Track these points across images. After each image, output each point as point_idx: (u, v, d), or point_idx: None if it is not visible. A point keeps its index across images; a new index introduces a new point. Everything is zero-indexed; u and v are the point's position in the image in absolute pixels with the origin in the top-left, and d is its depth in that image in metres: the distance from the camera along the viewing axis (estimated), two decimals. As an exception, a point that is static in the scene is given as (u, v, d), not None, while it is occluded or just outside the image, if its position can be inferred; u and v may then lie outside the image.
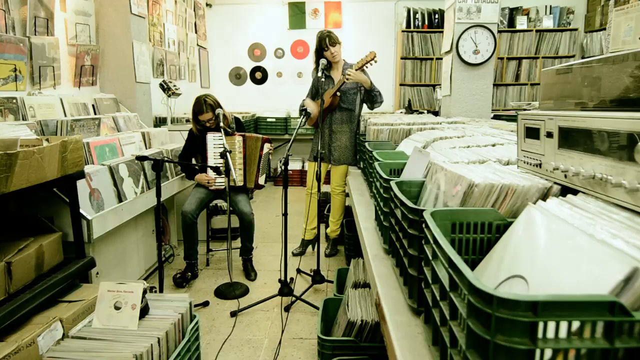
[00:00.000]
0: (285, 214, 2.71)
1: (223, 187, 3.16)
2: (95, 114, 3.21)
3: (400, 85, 6.39)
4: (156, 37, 4.73)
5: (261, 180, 3.31)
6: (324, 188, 3.96)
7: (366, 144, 2.55)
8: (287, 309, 2.66)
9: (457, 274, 0.66)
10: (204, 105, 3.08)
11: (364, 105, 3.52)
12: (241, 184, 3.19)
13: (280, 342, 2.27)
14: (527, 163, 1.11)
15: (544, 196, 0.98)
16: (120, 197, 2.53)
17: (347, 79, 3.16)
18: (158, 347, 1.70)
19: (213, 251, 3.55)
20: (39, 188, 1.76)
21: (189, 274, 3.03)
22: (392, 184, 1.32)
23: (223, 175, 2.95)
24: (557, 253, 0.73)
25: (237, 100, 6.89)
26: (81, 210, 2.13)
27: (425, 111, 5.81)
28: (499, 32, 6.03)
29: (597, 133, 0.81)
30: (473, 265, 0.96)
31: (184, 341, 1.89)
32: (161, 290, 2.48)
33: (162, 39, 4.89)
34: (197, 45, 6.17)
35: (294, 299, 2.72)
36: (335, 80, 3.34)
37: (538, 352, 0.55)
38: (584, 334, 0.55)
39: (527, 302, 0.54)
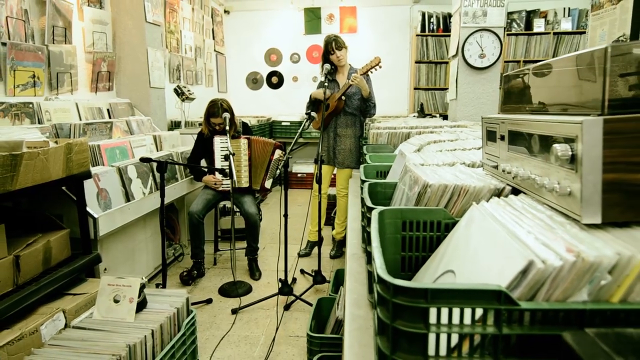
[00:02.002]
0: (285, 215, 2.78)
1: (229, 188, 3.25)
2: (110, 118, 3.37)
3: (415, 89, 6.39)
4: (173, 44, 4.89)
5: (267, 184, 3.39)
6: (332, 191, 4.02)
7: (364, 147, 2.60)
8: (286, 307, 2.73)
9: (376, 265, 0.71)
10: (219, 109, 3.16)
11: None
12: (246, 185, 3.28)
13: (274, 339, 2.33)
14: (488, 165, 1.15)
15: (497, 196, 1.02)
16: (128, 197, 2.65)
17: (353, 82, 3.22)
18: (152, 338, 1.80)
19: (220, 251, 3.65)
20: (47, 187, 1.88)
21: (195, 272, 3.13)
22: (365, 184, 1.37)
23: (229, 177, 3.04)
24: (481, 248, 0.77)
25: (254, 104, 7.02)
26: (88, 209, 2.26)
27: (438, 115, 5.80)
28: (516, 35, 5.97)
29: (531, 136, 0.85)
30: (423, 262, 1.01)
31: (179, 334, 1.97)
32: (164, 287, 2.58)
33: (179, 46, 5.06)
34: (215, 51, 6.34)
35: (293, 298, 2.78)
36: (341, 85, 3.40)
37: (432, 336, 0.60)
38: (476, 321, 0.60)
39: (418, 289, 0.59)
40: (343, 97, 3.34)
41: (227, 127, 3.05)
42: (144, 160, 2.47)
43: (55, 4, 2.94)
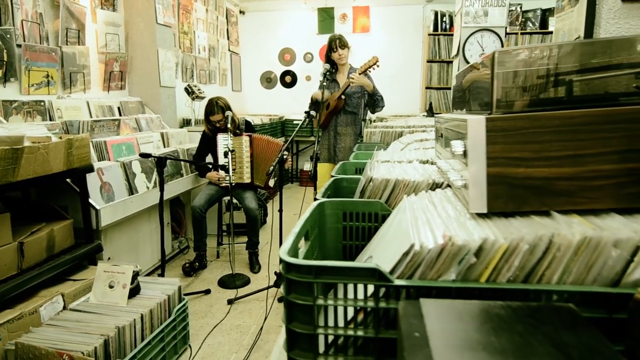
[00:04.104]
0: (280, 210, 2.88)
1: (232, 184, 3.36)
2: (120, 115, 3.53)
3: (427, 88, 6.40)
4: (186, 44, 5.05)
5: (271, 182, 3.50)
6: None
7: (357, 145, 2.67)
8: (280, 299, 2.82)
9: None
10: (215, 106, 3.31)
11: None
12: (248, 181, 3.39)
13: (262, 328, 2.43)
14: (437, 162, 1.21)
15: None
16: (131, 191, 2.80)
17: (352, 83, 3.29)
18: (141, 322, 1.92)
19: (223, 244, 3.78)
20: (49, 179, 2.03)
21: (197, 264, 3.26)
22: (331, 179, 1.44)
23: (232, 173, 3.17)
24: (393, 236, 0.84)
25: (268, 103, 7.15)
26: (91, 201, 2.40)
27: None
28: (530, 34, 5.91)
29: (450, 133, 0.92)
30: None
31: (169, 320, 2.09)
32: (162, 276, 2.71)
33: (193, 46, 5.21)
34: (229, 50, 6.48)
35: (287, 290, 2.87)
36: (341, 84, 3.47)
37: (319, 309, 0.68)
38: (358, 295, 0.67)
39: (306, 266, 0.67)
40: (343, 96, 3.41)
41: (229, 125, 3.16)
42: (143, 155, 2.61)
43: (68, 8, 3.11)
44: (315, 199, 3.02)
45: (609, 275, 0.63)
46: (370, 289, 0.68)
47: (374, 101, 3.43)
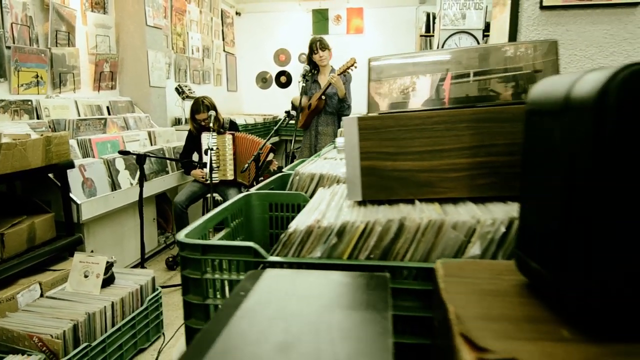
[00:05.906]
0: (257, 206, 2.98)
1: (217, 181, 3.48)
2: (109, 115, 3.66)
3: (418, 88, 6.48)
4: (179, 45, 5.18)
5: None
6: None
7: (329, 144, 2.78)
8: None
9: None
10: (201, 105, 3.43)
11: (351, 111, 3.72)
12: (231, 178, 3.51)
13: (233, 318, 2.54)
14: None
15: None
16: (114, 187, 2.92)
17: (330, 81, 3.40)
18: (111, 309, 2.03)
19: (209, 240, 3.89)
20: (29, 174, 2.15)
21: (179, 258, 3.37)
22: (279, 174, 1.55)
23: (215, 170, 3.30)
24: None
25: (263, 102, 7.26)
26: (72, 195, 2.52)
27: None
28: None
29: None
30: (287, 238, 1.18)
31: (141, 308, 2.21)
32: (143, 268, 2.83)
33: (186, 47, 5.34)
34: (224, 51, 6.61)
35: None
36: (322, 85, 3.58)
37: (209, 281, 0.78)
38: (241, 270, 0.78)
39: (195, 245, 0.77)
40: (323, 97, 3.52)
41: (211, 124, 3.28)
42: (122, 152, 2.73)
43: (58, 11, 3.24)
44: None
45: (451, 253, 0.73)
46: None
47: (340, 107, 3.55)
